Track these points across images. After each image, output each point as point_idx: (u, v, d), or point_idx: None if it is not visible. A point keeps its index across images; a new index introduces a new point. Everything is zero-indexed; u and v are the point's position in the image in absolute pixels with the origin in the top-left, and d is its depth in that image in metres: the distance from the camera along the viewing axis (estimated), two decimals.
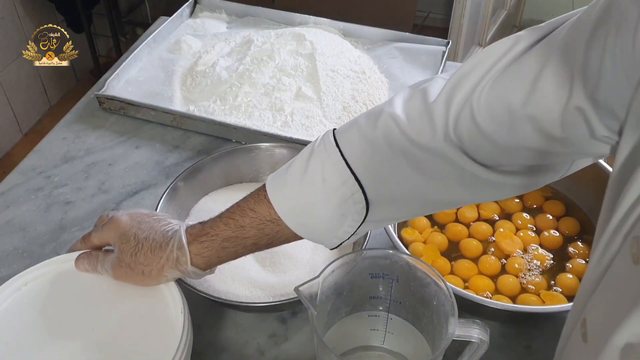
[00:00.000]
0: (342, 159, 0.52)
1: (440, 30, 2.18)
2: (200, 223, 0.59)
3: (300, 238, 0.57)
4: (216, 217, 0.59)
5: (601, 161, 0.78)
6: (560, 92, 0.45)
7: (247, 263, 0.73)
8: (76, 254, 0.64)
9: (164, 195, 0.75)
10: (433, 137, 0.50)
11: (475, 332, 0.55)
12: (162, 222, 0.61)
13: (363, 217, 0.54)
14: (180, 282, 0.67)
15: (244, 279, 0.71)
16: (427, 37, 1.12)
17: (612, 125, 0.45)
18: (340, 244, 0.57)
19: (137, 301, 0.62)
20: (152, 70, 1.08)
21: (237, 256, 0.59)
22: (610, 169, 0.76)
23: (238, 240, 0.57)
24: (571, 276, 0.72)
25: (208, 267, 0.59)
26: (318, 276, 0.56)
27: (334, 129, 0.55)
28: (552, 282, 0.72)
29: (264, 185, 0.56)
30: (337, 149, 0.53)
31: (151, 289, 0.62)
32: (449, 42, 1.09)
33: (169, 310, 0.61)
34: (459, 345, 0.57)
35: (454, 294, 0.56)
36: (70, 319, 0.61)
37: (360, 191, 0.52)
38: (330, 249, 0.58)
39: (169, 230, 0.59)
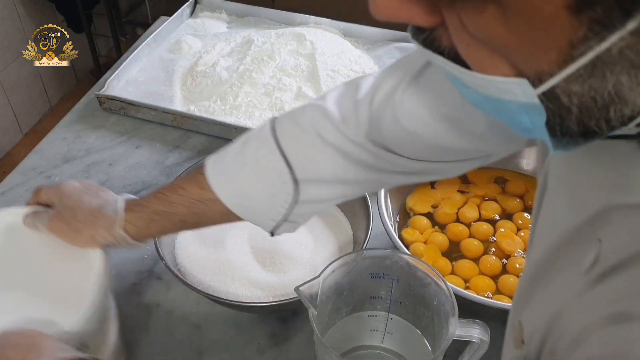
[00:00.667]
0: (274, 140, 0.55)
1: None
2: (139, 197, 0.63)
3: (228, 220, 0.59)
4: (151, 192, 0.62)
5: None
6: None
7: (248, 263, 0.73)
8: (20, 209, 0.66)
9: None
10: (357, 132, 0.53)
11: (475, 332, 0.55)
12: (107, 192, 0.64)
13: (292, 198, 0.55)
14: (180, 282, 0.67)
15: (245, 279, 0.71)
16: None
17: None
18: (277, 228, 0.58)
19: (65, 258, 0.64)
20: (153, 70, 1.08)
21: (166, 231, 0.63)
22: None
23: (166, 215, 0.60)
24: None
25: (138, 236, 0.61)
26: (318, 276, 0.56)
27: (274, 117, 0.58)
28: None
29: (200, 167, 0.59)
30: (271, 132, 0.55)
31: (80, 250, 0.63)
32: None
33: (92, 262, 0.62)
34: (460, 345, 0.57)
35: (455, 294, 0.56)
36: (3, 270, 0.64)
37: (288, 171, 0.54)
38: (271, 235, 0.59)
39: (110, 199, 0.63)
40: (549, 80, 0.25)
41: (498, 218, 0.80)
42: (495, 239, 0.77)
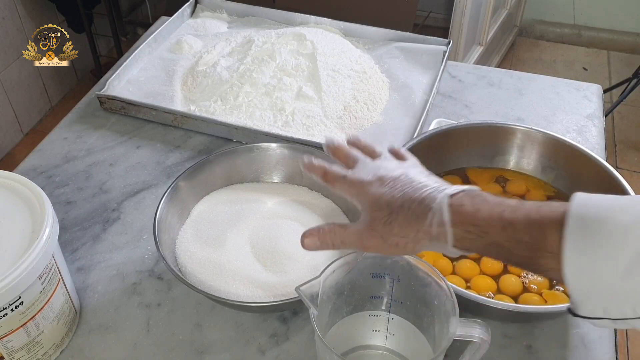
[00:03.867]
0: None
1: (440, 30, 2.18)
2: (469, 195, 0.50)
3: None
4: (494, 205, 0.49)
5: (602, 161, 0.77)
6: None
7: (248, 263, 0.73)
8: None
9: (165, 195, 0.75)
10: None
11: (476, 332, 0.55)
12: (416, 186, 0.53)
13: None
14: (181, 282, 0.67)
15: (245, 279, 0.71)
16: (428, 37, 1.12)
17: None
18: (597, 320, 0.46)
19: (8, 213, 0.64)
20: (153, 70, 1.08)
21: (497, 259, 0.52)
22: (611, 168, 0.76)
23: (505, 253, 0.48)
24: None
25: (467, 251, 0.51)
26: (319, 276, 0.56)
27: None
28: (554, 281, 0.72)
29: (562, 216, 0.45)
30: None
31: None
32: (449, 41, 1.09)
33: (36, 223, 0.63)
34: (460, 345, 0.57)
35: (456, 293, 0.56)
36: None
37: None
38: (571, 313, 0.47)
39: (426, 198, 0.51)
40: None
41: None
42: None
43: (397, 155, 0.60)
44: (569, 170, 0.81)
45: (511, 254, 0.48)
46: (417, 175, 0.55)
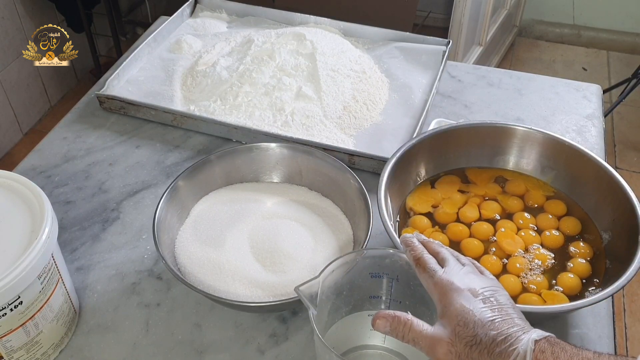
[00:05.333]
0: None
1: (440, 30, 2.18)
2: (550, 342, 0.50)
3: None
4: (572, 354, 0.49)
5: (602, 161, 0.77)
6: None
7: (248, 263, 0.73)
8: None
9: (165, 195, 0.75)
10: None
11: None
12: (504, 317, 0.53)
13: None
14: (180, 282, 0.67)
15: (245, 279, 0.71)
16: (428, 37, 1.12)
17: None
18: None
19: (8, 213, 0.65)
20: (153, 69, 1.08)
21: None
22: (610, 169, 0.76)
23: None
24: (572, 275, 0.72)
25: None
26: (318, 276, 0.56)
27: None
28: (554, 281, 0.72)
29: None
30: None
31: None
32: (449, 41, 1.09)
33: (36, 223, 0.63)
34: None
35: None
36: None
37: None
38: None
39: (512, 335, 0.51)
40: None
41: (498, 218, 0.80)
42: (495, 238, 0.77)
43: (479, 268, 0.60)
44: (568, 170, 0.81)
45: None
46: (505, 302, 0.55)
